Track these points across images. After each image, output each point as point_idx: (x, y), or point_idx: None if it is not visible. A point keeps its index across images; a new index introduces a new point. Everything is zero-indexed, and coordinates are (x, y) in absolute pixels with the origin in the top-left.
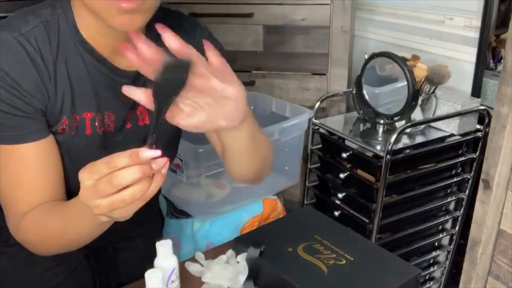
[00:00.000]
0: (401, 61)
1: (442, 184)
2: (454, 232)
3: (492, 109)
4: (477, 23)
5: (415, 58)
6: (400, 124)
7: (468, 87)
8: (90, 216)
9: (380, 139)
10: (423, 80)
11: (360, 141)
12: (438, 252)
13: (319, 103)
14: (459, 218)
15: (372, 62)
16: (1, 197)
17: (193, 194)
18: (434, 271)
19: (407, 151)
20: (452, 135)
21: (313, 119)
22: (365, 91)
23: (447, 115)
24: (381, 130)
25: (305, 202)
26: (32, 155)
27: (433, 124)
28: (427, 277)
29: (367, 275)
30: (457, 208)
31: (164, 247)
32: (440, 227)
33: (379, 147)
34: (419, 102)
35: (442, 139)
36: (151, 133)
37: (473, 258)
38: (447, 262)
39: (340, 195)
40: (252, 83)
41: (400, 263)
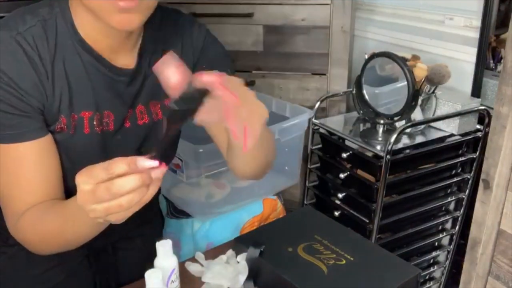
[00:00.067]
0: (401, 61)
1: (442, 184)
2: (454, 232)
3: (492, 109)
4: (477, 23)
5: (415, 58)
6: (400, 124)
7: (468, 87)
8: (87, 216)
9: (380, 139)
10: (423, 80)
11: (360, 141)
12: (438, 252)
13: (319, 103)
14: (459, 218)
15: (372, 62)
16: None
17: (193, 194)
18: (434, 271)
19: (407, 151)
20: (452, 135)
21: (313, 119)
22: (365, 91)
23: (447, 115)
24: (381, 130)
25: (305, 202)
26: (30, 154)
27: (433, 124)
28: (427, 277)
29: (367, 275)
30: (457, 208)
31: (164, 247)
32: (440, 227)
33: (379, 147)
34: (419, 102)
35: (442, 139)
36: (154, 149)
37: (473, 258)
38: (447, 262)
39: (340, 195)
40: (252, 83)
41: (400, 263)
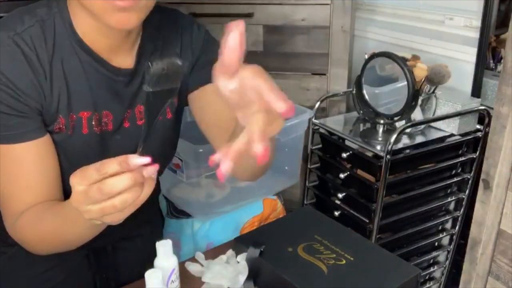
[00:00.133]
0: (401, 61)
1: (442, 184)
2: (454, 232)
3: (492, 109)
4: (477, 23)
5: (415, 58)
6: (400, 124)
7: (468, 87)
8: (84, 217)
9: (380, 139)
10: (423, 80)
11: (360, 141)
12: (438, 252)
13: (319, 103)
14: (459, 218)
15: (372, 62)
16: None
17: (193, 194)
18: (434, 271)
19: (407, 151)
20: (452, 135)
21: (313, 119)
22: (365, 91)
23: (447, 115)
24: (381, 130)
25: (305, 202)
26: (28, 154)
27: (433, 124)
28: (427, 277)
29: (367, 275)
30: (457, 208)
31: (164, 247)
32: (440, 227)
33: (379, 147)
34: (419, 102)
35: (442, 139)
36: (141, 141)
37: (473, 258)
38: (447, 262)
39: (340, 195)
40: None
41: (400, 263)
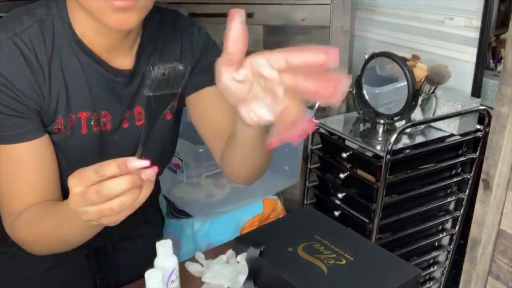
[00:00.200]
0: (401, 61)
1: (442, 184)
2: (454, 232)
3: (492, 109)
4: (477, 23)
5: (415, 58)
6: (400, 124)
7: (468, 87)
8: (82, 218)
9: (380, 139)
10: (423, 80)
11: (360, 141)
12: (438, 252)
13: (319, 103)
14: (459, 218)
15: (372, 62)
16: None
17: (193, 194)
18: (434, 271)
19: (407, 151)
20: (452, 135)
21: (313, 119)
22: (365, 91)
23: (447, 115)
24: (381, 130)
25: (305, 202)
26: (27, 154)
27: (433, 124)
28: (427, 277)
29: (367, 275)
30: (457, 208)
31: (164, 247)
32: (440, 227)
33: (379, 147)
34: (419, 102)
35: (442, 139)
36: (141, 144)
37: (473, 258)
38: (447, 262)
39: (340, 195)
40: None
41: (400, 263)
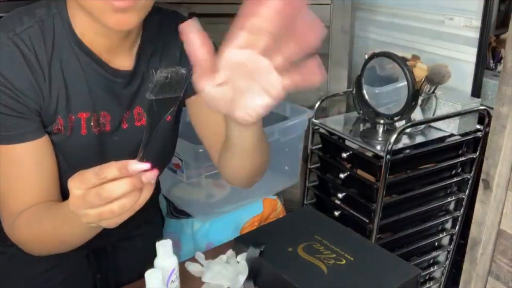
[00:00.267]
0: (401, 61)
1: (442, 184)
2: (454, 232)
3: (492, 109)
4: (477, 23)
5: (415, 58)
6: (400, 124)
7: (468, 87)
8: (81, 220)
9: (380, 139)
10: (423, 80)
11: (360, 141)
12: (438, 252)
13: (319, 103)
14: (459, 218)
15: (372, 62)
16: None
17: (193, 194)
18: (434, 271)
19: (407, 151)
20: (452, 135)
21: (313, 119)
22: (365, 91)
23: (447, 115)
24: (381, 130)
25: (305, 202)
26: (27, 155)
27: (433, 124)
28: (427, 277)
29: (367, 275)
30: (457, 208)
31: (164, 247)
32: (440, 227)
33: (379, 147)
34: (419, 102)
35: (442, 139)
36: (142, 147)
37: (473, 258)
38: (447, 262)
39: (340, 195)
40: None
41: (400, 263)
